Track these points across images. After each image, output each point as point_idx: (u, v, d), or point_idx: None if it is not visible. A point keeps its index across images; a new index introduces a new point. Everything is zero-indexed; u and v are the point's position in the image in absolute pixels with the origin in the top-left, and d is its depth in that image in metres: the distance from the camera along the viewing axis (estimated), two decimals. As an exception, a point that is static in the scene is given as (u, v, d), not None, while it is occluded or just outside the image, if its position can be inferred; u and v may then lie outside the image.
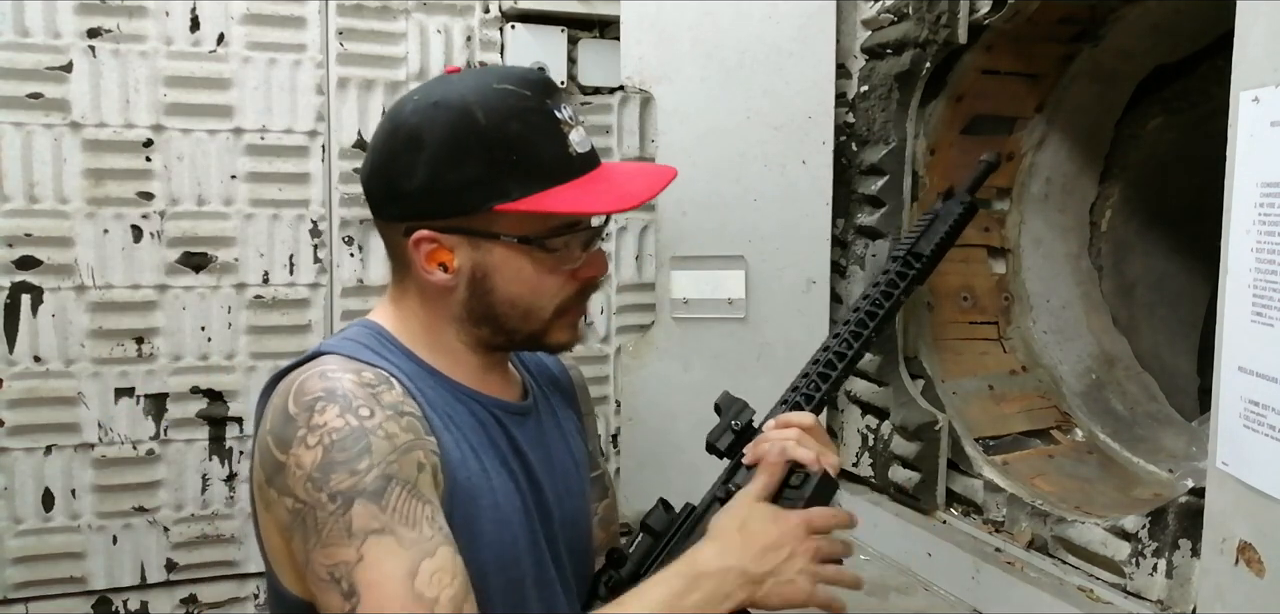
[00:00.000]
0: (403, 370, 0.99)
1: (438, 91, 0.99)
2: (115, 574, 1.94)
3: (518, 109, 0.97)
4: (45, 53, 1.82)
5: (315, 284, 2.03)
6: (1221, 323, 1.24)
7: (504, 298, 1.01)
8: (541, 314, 1.03)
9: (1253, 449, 1.18)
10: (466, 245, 0.99)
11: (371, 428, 0.89)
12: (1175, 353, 2.36)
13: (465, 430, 1.01)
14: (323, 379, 0.92)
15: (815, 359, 1.29)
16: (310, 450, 0.89)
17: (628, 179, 1.05)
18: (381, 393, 0.93)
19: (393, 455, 0.89)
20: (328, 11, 1.99)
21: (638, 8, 2.13)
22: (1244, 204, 1.19)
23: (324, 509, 0.87)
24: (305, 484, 0.88)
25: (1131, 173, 2.24)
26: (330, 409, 0.90)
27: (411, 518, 0.88)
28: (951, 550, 1.86)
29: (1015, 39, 2.00)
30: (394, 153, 0.98)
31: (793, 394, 1.24)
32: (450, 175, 0.96)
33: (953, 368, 2.17)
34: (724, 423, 1.18)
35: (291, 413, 0.91)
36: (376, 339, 1.02)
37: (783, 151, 2.15)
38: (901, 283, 1.35)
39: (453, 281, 1.00)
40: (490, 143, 0.96)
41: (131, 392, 1.93)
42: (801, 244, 2.18)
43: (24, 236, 1.84)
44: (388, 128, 1.01)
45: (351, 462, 0.88)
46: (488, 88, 0.98)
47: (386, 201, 1.01)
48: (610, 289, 2.25)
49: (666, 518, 1.13)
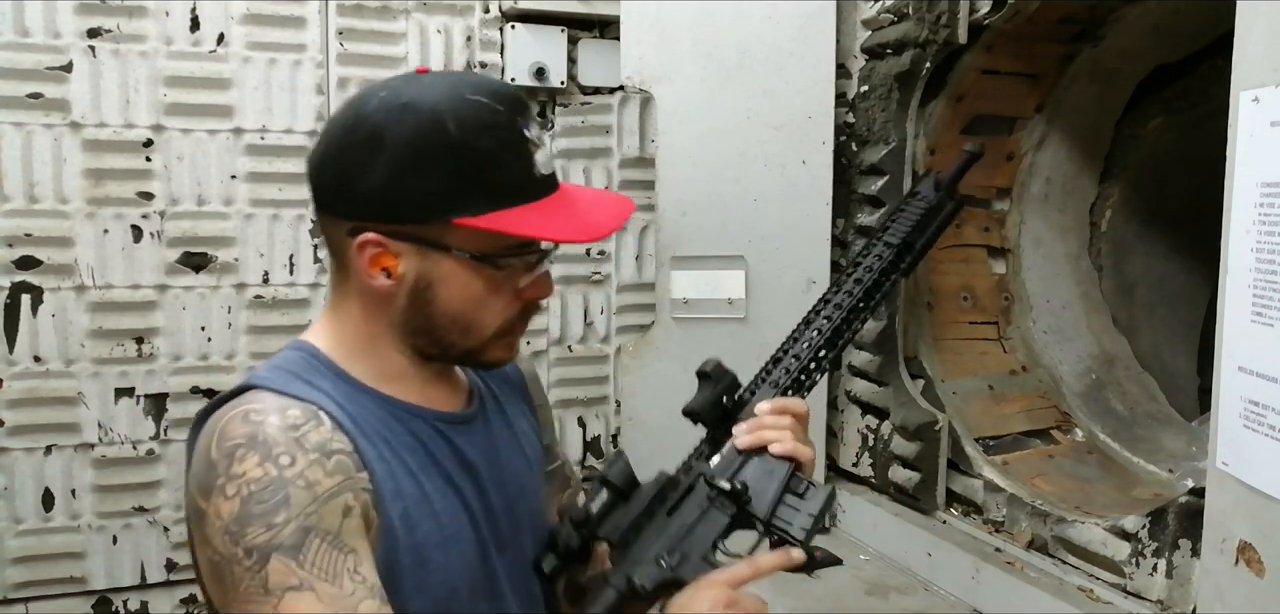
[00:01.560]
0: (336, 396, 0.95)
1: (408, 92, 0.94)
2: (115, 574, 1.94)
3: (490, 124, 0.93)
4: (45, 53, 1.82)
5: (315, 284, 2.03)
6: (1221, 323, 1.24)
7: (444, 311, 0.97)
8: (482, 332, 1.00)
9: (1253, 449, 1.18)
10: (415, 254, 0.95)
11: (291, 478, 0.86)
12: (1175, 353, 2.36)
13: (403, 452, 0.97)
14: (245, 422, 0.88)
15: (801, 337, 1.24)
16: (228, 501, 0.85)
17: (589, 208, 1.01)
18: (307, 434, 0.89)
19: (312, 507, 0.86)
20: (328, 11, 1.99)
21: (638, 8, 2.13)
22: (1244, 204, 1.19)
23: (240, 564, 0.84)
24: (223, 536, 0.85)
25: (1131, 173, 2.24)
26: (249, 458, 0.86)
27: (332, 572, 0.85)
28: (951, 550, 1.86)
29: (1015, 39, 2.00)
30: (351, 147, 0.94)
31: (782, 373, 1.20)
32: (411, 181, 0.92)
33: (953, 368, 2.17)
34: (713, 394, 1.14)
35: (213, 458, 0.87)
36: (309, 364, 0.97)
37: (783, 151, 2.15)
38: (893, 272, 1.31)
39: (394, 289, 0.96)
40: (458, 155, 0.92)
41: (131, 392, 1.93)
42: (801, 244, 2.18)
43: (24, 236, 1.84)
44: (348, 120, 0.95)
45: (268, 514, 0.84)
46: (461, 97, 0.93)
47: (335, 196, 0.96)
48: (610, 289, 2.25)
49: (627, 472, 1.08)
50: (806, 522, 1.07)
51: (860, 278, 1.28)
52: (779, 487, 1.09)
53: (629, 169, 2.23)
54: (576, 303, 2.24)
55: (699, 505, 1.10)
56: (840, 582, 1.94)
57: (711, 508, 1.09)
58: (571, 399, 2.26)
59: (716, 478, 1.09)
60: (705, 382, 1.15)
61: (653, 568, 1.04)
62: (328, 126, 0.98)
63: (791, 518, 1.08)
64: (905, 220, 1.31)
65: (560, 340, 2.23)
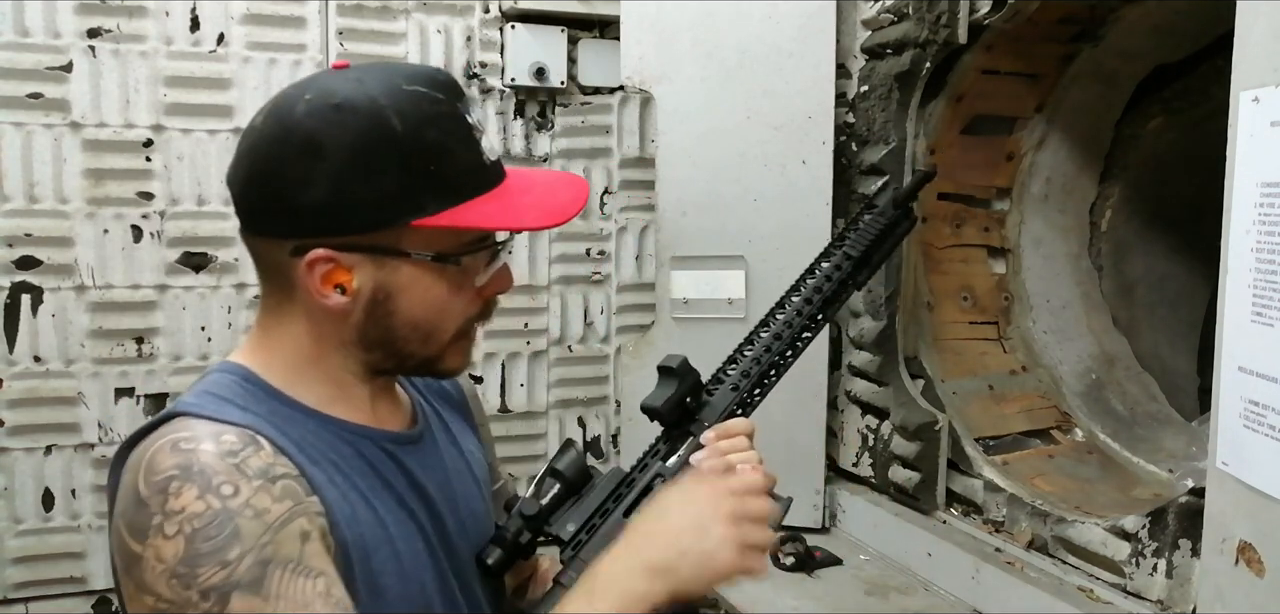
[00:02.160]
0: (274, 420, 0.87)
1: (338, 91, 0.86)
2: (115, 574, 1.94)
3: (433, 114, 0.87)
4: (45, 53, 1.82)
5: (315, 284, 2.03)
6: (1221, 323, 1.24)
7: (406, 320, 0.91)
8: (442, 337, 0.94)
9: (1253, 449, 1.18)
10: (369, 264, 0.88)
11: (236, 508, 0.78)
12: (1175, 353, 2.36)
13: (354, 475, 0.91)
14: (174, 452, 0.80)
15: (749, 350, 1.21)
16: (170, 541, 0.77)
17: (547, 191, 0.96)
18: (247, 460, 0.81)
19: (266, 537, 0.78)
20: (328, 11, 1.99)
21: (638, 8, 2.13)
22: (1244, 204, 1.19)
23: (196, 608, 0.76)
24: (169, 581, 0.76)
25: (1131, 173, 2.24)
26: (187, 491, 0.78)
27: (301, 600, 0.78)
28: (951, 550, 1.86)
29: (1015, 39, 2.00)
30: (283, 160, 0.85)
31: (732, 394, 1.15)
32: (360, 189, 0.85)
33: (953, 368, 2.17)
34: (676, 394, 1.08)
35: (143, 495, 0.79)
36: (240, 388, 0.90)
37: (783, 151, 2.15)
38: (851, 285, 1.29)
39: (349, 305, 0.89)
40: (407, 153, 0.85)
41: (131, 392, 1.93)
42: (801, 244, 2.17)
43: (24, 236, 1.84)
44: (274, 130, 0.87)
45: (220, 552, 0.76)
46: (397, 89, 0.87)
47: (270, 216, 0.88)
48: (610, 289, 2.25)
49: (578, 464, 1.03)
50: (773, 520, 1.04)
51: (819, 286, 1.26)
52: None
53: (629, 169, 2.23)
54: (576, 303, 2.24)
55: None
56: (840, 582, 1.94)
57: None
58: (571, 399, 2.26)
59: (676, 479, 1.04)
60: (668, 378, 1.10)
61: None
62: (247, 141, 0.89)
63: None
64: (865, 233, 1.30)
65: (560, 340, 2.23)
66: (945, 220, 2.21)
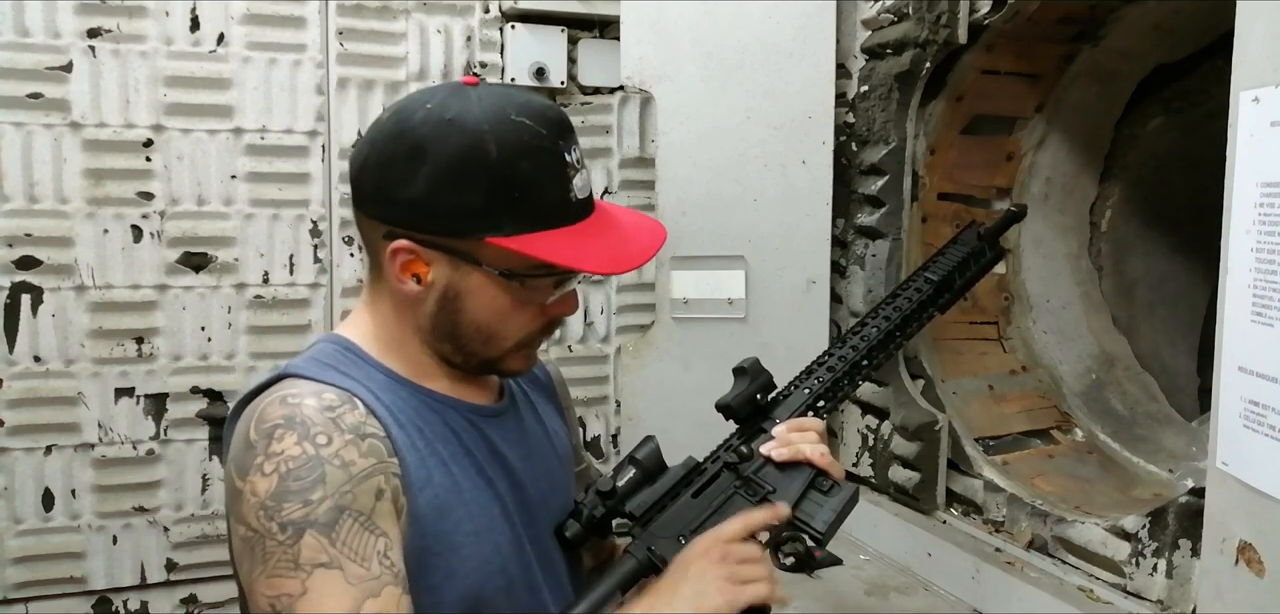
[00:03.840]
0: (370, 385, 0.97)
1: (454, 107, 0.96)
2: (115, 574, 1.94)
3: (531, 147, 0.95)
4: (45, 53, 1.82)
5: (315, 284, 2.03)
6: (1221, 323, 1.24)
7: (471, 321, 1.00)
8: (503, 343, 1.02)
9: (1253, 449, 1.18)
10: (446, 263, 0.98)
11: (328, 456, 0.88)
12: (1175, 353, 2.36)
13: (436, 441, 1.00)
14: (283, 405, 0.91)
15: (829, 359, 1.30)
16: (266, 478, 0.87)
17: (623, 237, 1.04)
18: (342, 416, 0.91)
19: (347, 485, 0.88)
20: (328, 11, 1.99)
21: (638, 8, 2.13)
22: (1244, 204, 1.19)
23: (273, 539, 0.86)
24: (258, 512, 0.86)
25: (1131, 173, 2.24)
26: (288, 437, 0.88)
27: (362, 553, 0.86)
28: (951, 550, 1.86)
29: (1015, 39, 2.00)
30: (394, 156, 0.96)
31: (816, 382, 1.25)
32: (449, 196, 0.94)
33: (953, 368, 2.17)
34: (748, 390, 1.18)
35: (251, 440, 0.90)
36: (343, 355, 1.00)
37: (783, 151, 2.15)
38: (931, 306, 1.40)
39: (423, 294, 0.99)
40: (497, 177, 0.94)
41: (131, 392, 1.93)
42: (801, 244, 2.18)
43: (24, 236, 1.84)
44: (393, 129, 0.98)
45: (305, 491, 0.86)
46: (505, 117, 0.95)
47: (374, 201, 0.99)
48: (610, 289, 2.25)
49: (655, 455, 1.12)
50: (829, 516, 1.12)
51: (899, 306, 1.37)
52: (804, 482, 1.13)
53: (629, 169, 2.23)
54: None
55: (723, 491, 1.13)
56: (840, 582, 1.94)
57: (736, 495, 1.13)
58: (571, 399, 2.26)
59: (744, 469, 1.13)
60: (741, 377, 1.19)
61: (673, 544, 1.08)
62: (371, 131, 1.01)
63: (814, 512, 1.13)
64: (947, 261, 1.42)
65: (560, 340, 2.23)
66: (945, 220, 2.21)
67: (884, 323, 1.36)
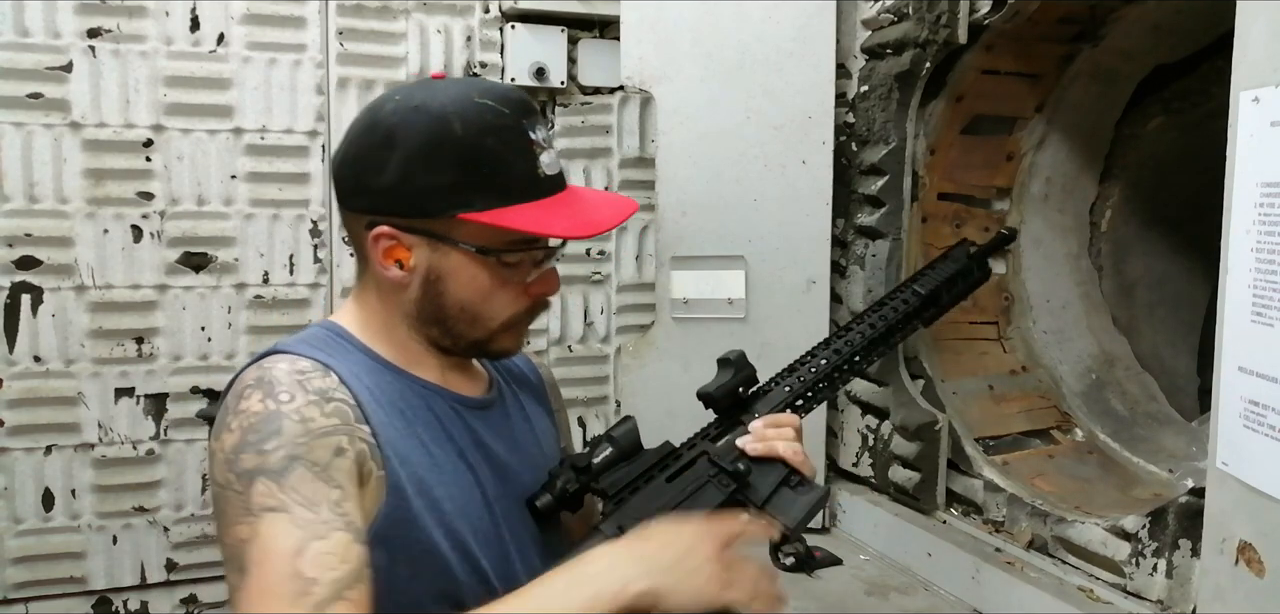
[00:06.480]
0: (354, 366, 1.00)
1: (419, 96, 1.01)
2: (115, 574, 1.94)
3: (494, 125, 0.99)
4: (45, 53, 1.82)
5: (315, 284, 2.03)
6: (1221, 323, 1.24)
7: (454, 302, 1.03)
8: (489, 323, 1.05)
9: (1253, 449, 1.18)
10: (425, 246, 1.01)
11: (288, 412, 0.90)
12: (1175, 353, 2.36)
13: (417, 424, 1.02)
14: (257, 370, 0.95)
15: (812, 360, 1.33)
16: (231, 434, 0.90)
17: (592, 208, 1.07)
18: (310, 378, 0.94)
19: (304, 438, 0.89)
20: (328, 11, 1.99)
21: (638, 8, 2.13)
22: (1244, 204, 1.19)
23: (232, 489, 0.88)
24: (222, 466, 0.90)
25: (1131, 173, 2.24)
26: (254, 395, 0.92)
27: (311, 499, 0.87)
28: (951, 550, 1.86)
29: (1015, 39, 2.00)
30: (369, 148, 1.00)
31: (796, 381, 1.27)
32: (420, 178, 0.98)
33: (953, 368, 2.17)
34: (731, 382, 1.19)
35: (227, 404, 0.94)
36: (333, 338, 1.04)
37: (783, 151, 2.15)
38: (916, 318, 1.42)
39: (407, 279, 1.02)
40: (464, 154, 0.98)
41: (131, 392, 1.93)
42: (801, 244, 2.18)
43: (24, 236, 1.84)
44: (366, 123, 1.03)
45: (261, 443, 0.89)
46: (469, 100, 1.00)
47: (354, 193, 1.03)
48: (610, 289, 2.25)
49: (632, 434, 1.13)
50: (800, 512, 1.13)
51: (885, 315, 1.39)
52: (777, 478, 1.14)
53: (629, 169, 2.23)
54: (576, 303, 2.24)
55: (697, 478, 1.14)
56: (840, 582, 1.94)
57: (710, 484, 1.14)
58: (571, 399, 2.25)
59: (720, 458, 1.14)
60: (725, 368, 1.21)
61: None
62: (348, 129, 1.05)
63: (786, 507, 1.13)
64: (936, 275, 1.44)
65: (560, 340, 2.23)
66: (945, 220, 2.21)
67: (869, 330, 1.40)
